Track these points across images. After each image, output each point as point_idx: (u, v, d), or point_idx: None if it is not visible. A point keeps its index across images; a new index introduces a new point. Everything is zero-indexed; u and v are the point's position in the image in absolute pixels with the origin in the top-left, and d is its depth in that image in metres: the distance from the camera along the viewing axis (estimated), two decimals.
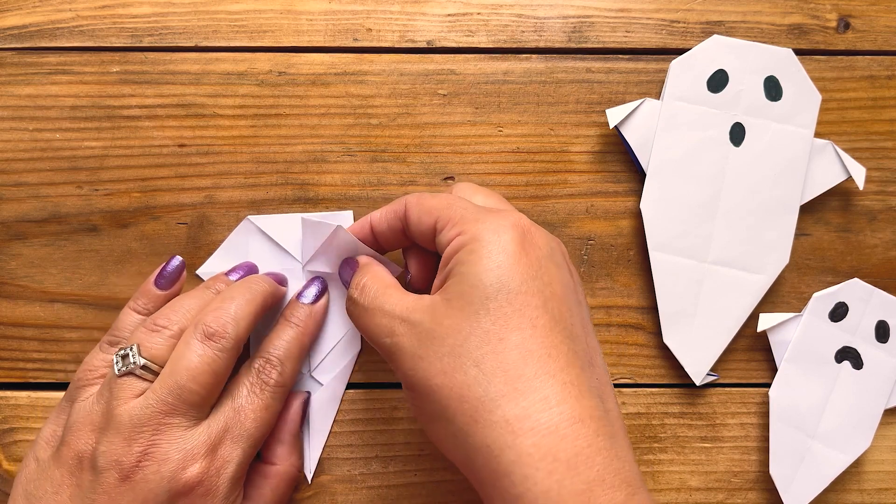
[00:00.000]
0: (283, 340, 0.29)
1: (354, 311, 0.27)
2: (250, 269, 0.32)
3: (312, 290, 0.31)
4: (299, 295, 0.31)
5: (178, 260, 0.31)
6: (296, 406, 0.31)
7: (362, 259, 0.29)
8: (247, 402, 0.27)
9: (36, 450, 0.27)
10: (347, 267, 0.30)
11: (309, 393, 0.32)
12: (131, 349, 0.27)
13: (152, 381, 0.26)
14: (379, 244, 0.30)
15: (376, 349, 0.26)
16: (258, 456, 0.30)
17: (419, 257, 0.29)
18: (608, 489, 0.21)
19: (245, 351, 0.32)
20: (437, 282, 0.26)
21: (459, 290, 0.24)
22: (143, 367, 0.26)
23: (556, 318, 0.23)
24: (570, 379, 0.22)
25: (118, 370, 0.27)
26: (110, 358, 0.28)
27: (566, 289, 0.24)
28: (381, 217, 0.29)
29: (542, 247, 0.24)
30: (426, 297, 0.25)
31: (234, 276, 0.31)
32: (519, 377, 0.22)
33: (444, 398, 0.23)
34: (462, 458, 0.23)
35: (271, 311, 0.31)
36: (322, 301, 0.31)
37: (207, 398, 0.26)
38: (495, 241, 0.24)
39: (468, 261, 0.24)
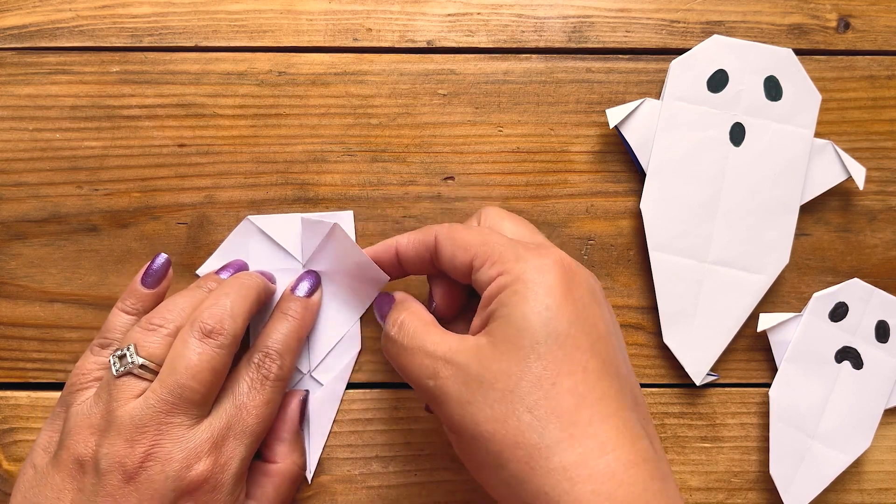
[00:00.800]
0: (280, 333, 0.29)
1: (392, 349, 0.27)
2: (240, 268, 0.31)
3: (306, 284, 0.31)
4: (293, 288, 0.31)
5: (163, 258, 0.30)
6: (294, 404, 0.31)
7: (398, 295, 0.29)
8: (248, 399, 0.27)
9: (33, 457, 0.27)
10: (384, 303, 0.29)
11: (307, 391, 0.32)
12: (128, 349, 0.27)
13: (151, 381, 0.26)
14: (403, 269, 0.29)
15: (417, 392, 0.26)
16: (259, 455, 0.30)
17: (446, 287, 0.28)
18: None
19: (243, 347, 0.32)
20: (476, 322, 0.25)
21: (506, 334, 0.23)
22: (142, 367, 0.26)
23: (604, 360, 0.23)
24: (622, 422, 0.22)
25: (116, 371, 0.26)
26: (103, 360, 0.28)
27: (609, 327, 0.24)
28: (408, 244, 0.28)
29: (584, 285, 0.24)
30: (469, 338, 0.25)
31: (224, 275, 0.31)
32: (574, 423, 0.22)
33: (496, 444, 0.22)
34: (522, 499, 0.23)
35: (264, 307, 0.31)
36: (317, 295, 0.31)
37: (208, 396, 0.26)
38: (540, 282, 0.23)
39: (512, 302, 0.24)
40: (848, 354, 0.32)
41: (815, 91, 0.32)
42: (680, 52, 0.33)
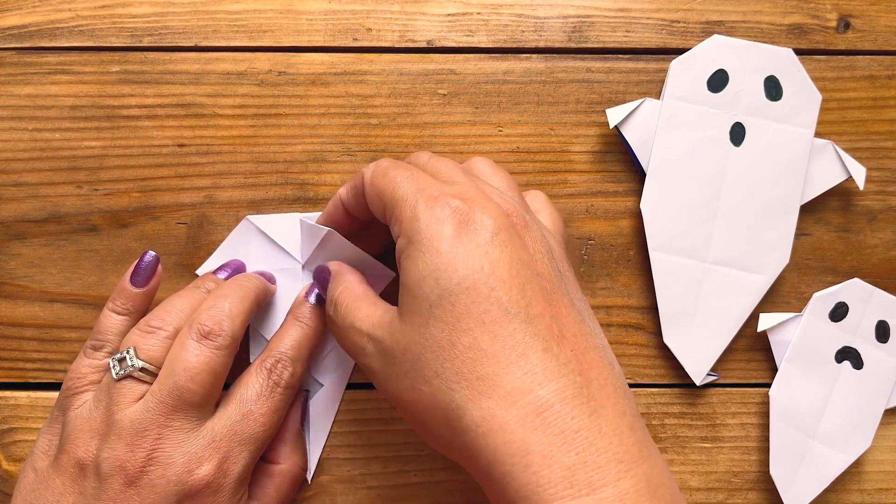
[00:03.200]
0: (293, 339, 0.29)
1: (332, 328, 0.27)
2: (238, 268, 0.31)
3: (318, 291, 0.31)
4: (307, 295, 0.31)
5: (150, 255, 0.30)
6: (296, 405, 0.31)
7: (333, 266, 0.29)
8: (256, 406, 0.27)
9: (33, 460, 0.27)
10: (321, 275, 0.29)
11: (307, 391, 0.32)
12: (128, 352, 0.27)
13: (151, 384, 0.26)
14: (355, 220, 0.29)
15: None
16: (262, 456, 0.30)
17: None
18: (592, 470, 0.20)
19: (243, 348, 0.32)
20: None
21: (407, 302, 0.23)
22: (142, 370, 0.26)
23: (505, 307, 0.22)
24: (531, 367, 0.21)
25: (116, 374, 0.26)
26: (97, 363, 0.28)
27: (518, 266, 0.23)
28: (346, 194, 0.28)
29: (483, 229, 0.23)
30: (389, 309, 0.25)
31: (222, 275, 0.31)
32: (479, 378, 0.21)
33: (418, 412, 0.23)
34: (460, 462, 0.23)
35: (263, 309, 0.31)
36: None
37: (207, 398, 0.26)
38: (427, 242, 0.23)
39: (407, 268, 0.23)
40: (848, 354, 0.32)
41: (816, 91, 0.32)
42: (680, 51, 0.33)
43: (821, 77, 0.34)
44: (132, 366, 0.26)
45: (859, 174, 0.33)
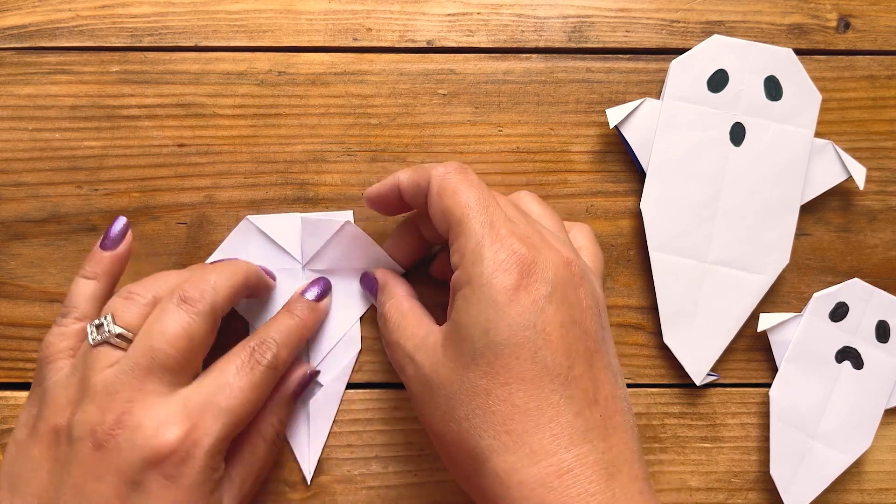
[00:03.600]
0: (282, 326, 0.29)
1: (383, 342, 0.29)
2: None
3: (315, 290, 0.31)
4: (303, 291, 0.31)
5: (121, 220, 0.29)
6: (297, 374, 0.30)
7: (380, 276, 0.30)
8: (233, 379, 0.26)
9: (15, 433, 0.27)
10: (369, 284, 0.31)
11: (317, 371, 0.31)
12: (105, 318, 0.26)
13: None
14: (406, 206, 0.29)
15: None
16: None
17: (407, 238, 0.31)
18: None
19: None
20: (449, 308, 0.26)
21: (453, 338, 0.24)
22: (118, 336, 0.26)
23: (546, 368, 0.23)
24: (560, 430, 0.22)
25: (93, 340, 0.26)
26: (66, 330, 0.27)
27: (567, 328, 0.23)
28: (408, 183, 0.28)
29: (544, 284, 0.23)
30: (434, 331, 0.25)
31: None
32: (507, 432, 0.22)
33: (445, 444, 0.24)
34: (474, 498, 0.24)
35: (262, 308, 0.31)
36: (325, 301, 0.31)
37: (182, 363, 0.26)
38: (486, 290, 0.23)
39: (461, 308, 0.24)
40: (848, 354, 0.32)
41: (816, 91, 0.32)
42: (680, 51, 0.33)
43: (821, 77, 0.34)
44: (109, 332, 0.26)
45: (859, 174, 0.33)
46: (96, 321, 0.26)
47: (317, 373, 0.31)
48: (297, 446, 0.32)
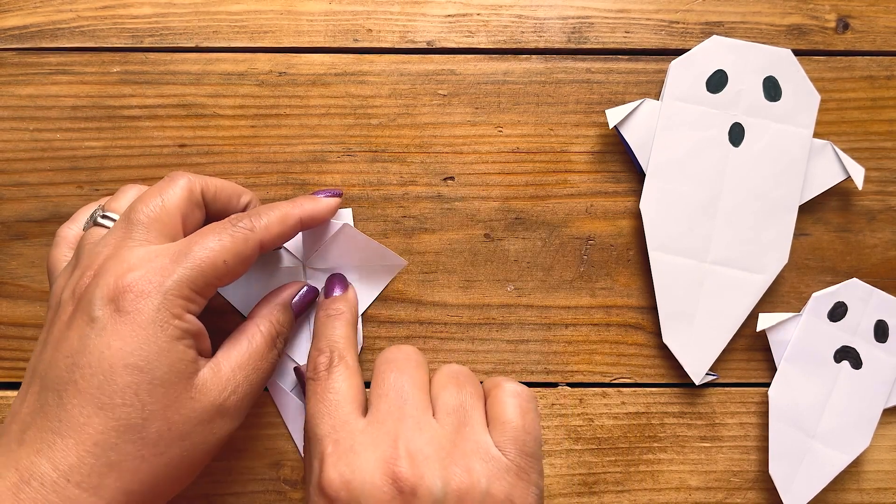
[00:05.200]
0: (269, 205, 0.29)
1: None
2: None
3: (338, 288, 0.31)
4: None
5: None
6: (294, 285, 0.31)
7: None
8: (205, 236, 0.26)
9: None
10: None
11: (317, 289, 0.31)
12: (97, 210, 0.28)
13: None
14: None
15: None
16: None
17: None
18: None
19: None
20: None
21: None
22: (104, 216, 0.27)
23: None
24: None
25: (85, 227, 0.28)
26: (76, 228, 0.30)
27: None
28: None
29: None
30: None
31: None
32: None
33: None
34: None
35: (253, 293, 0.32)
36: (329, 201, 0.31)
37: (154, 220, 0.26)
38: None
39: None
40: (847, 354, 0.32)
41: (815, 91, 0.32)
42: (679, 52, 0.33)
43: (820, 77, 0.34)
44: (98, 214, 0.28)
45: (858, 174, 0.33)
46: (90, 213, 0.28)
47: (315, 289, 0.31)
48: (299, 440, 0.32)
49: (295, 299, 0.30)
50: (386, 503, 0.23)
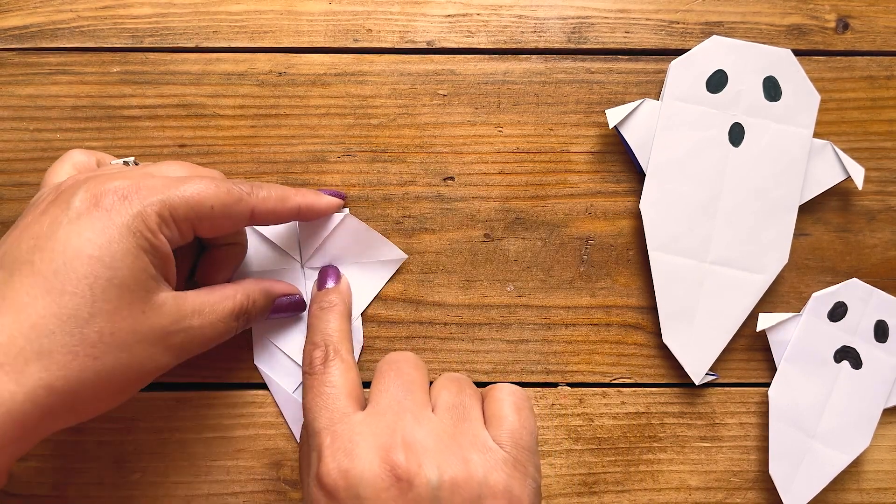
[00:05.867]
0: (275, 188, 0.29)
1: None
2: None
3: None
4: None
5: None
6: (284, 284, 0.31)
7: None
8: (199, 177, 0.27)
9: None
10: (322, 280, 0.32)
11: (304, 302, 0.32)
12: (132, 158, 0.29)
13: None
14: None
15: None
16: None
17: None
18: None
19: (247, 351, 0.32)
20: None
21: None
22: (134, 163, 0.29)
23: None
24: None
25: (112, 162, 0.29)
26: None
27: None
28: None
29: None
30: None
31: None
32: None
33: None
34: None
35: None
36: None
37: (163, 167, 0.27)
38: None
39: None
40: (847, 354, 0.32)
41: (814, 91, 0.32)
42: (679, 52, 0.33)
43: (820, 77, 0.34)
44: (125, 159, 0.29)
45: (858, 174, 0.33)
46: (118, 160, 0.30)
47: (304, 304, 0.31)
48: None
49: (283, 299, 0.31)
50: (384, 491, 0.23)
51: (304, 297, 0.32)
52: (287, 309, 0.31)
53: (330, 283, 0.31)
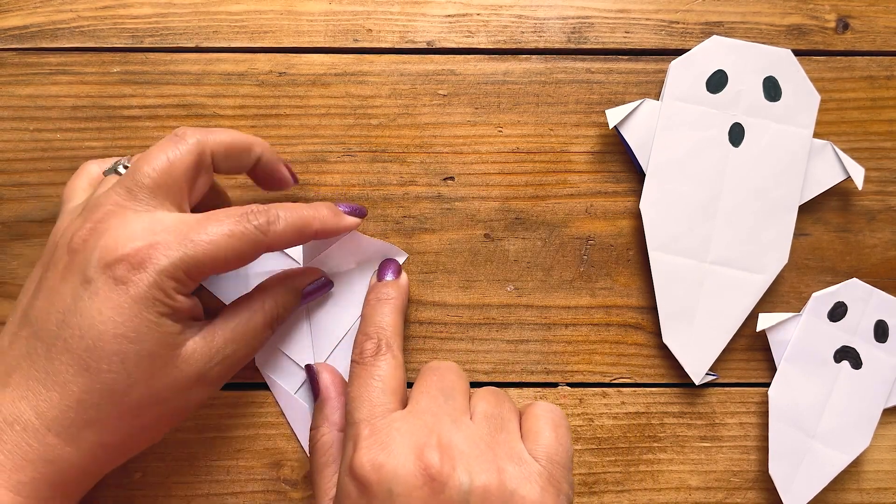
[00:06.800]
0: (292, 205, 0.28)
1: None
2: None
3: (390, 273, 0.31)
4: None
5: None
6: (310, 272, 0.31)
7: (323, 386, 0.30)
8: (215, 223, 0.26)
9: None
10: (309, 372, 0.31)
11: (331, 282, 0.32)
12: (126, 158, 0.29)
13: None
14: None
15: None
16: None
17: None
18: None
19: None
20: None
21: None
22: (125, 167, 0.28)
23: None
24: None
25: (105, 172, 0.28)
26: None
27: None
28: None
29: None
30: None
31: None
32: None
33: None
34: None
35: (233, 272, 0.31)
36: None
37: (160, 184, 0.26)
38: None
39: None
40: (847, 354, 0.32)
41: (814, 91, 0.32)
42: (679, 52, 0.33)
43: (820, 77, 0.34)
44: (119, 164, 0.28)
45: (858, 174, 0.33)
46: (112, 162, 0.29)
47: (330, 283, 0.32)
48: (305, 442, 0.32)
49: (309, 287, 0.31)
50: (416, 490, 0.23)
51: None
52: (316, 293, 0.31)
53: (389, 276, 0.31)
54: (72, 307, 0.24)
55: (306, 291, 0.31)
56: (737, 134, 0.32)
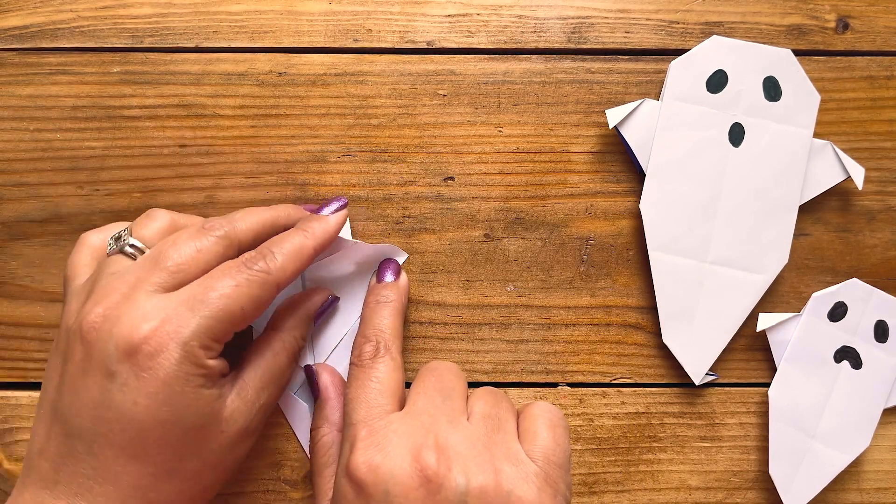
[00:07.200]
0: (282, 238, 0.28)
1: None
2: None
3: (335, 204, 0.31)
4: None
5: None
6: (319, 295, 0.31)
7: (323, 387, 0.30)
8: (220, 280, 0.25)
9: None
10: (309, 372, 0.31)
11: (337, 297, 0.32)
12: (124, 231, 0.27)
13: None
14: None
15: None
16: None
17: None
18: None
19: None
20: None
21: None
22: (132, 246, 0.26)
23: None
24: None
25: (110, 249, 0.27)
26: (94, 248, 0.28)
27: None
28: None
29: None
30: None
31: None
32: None
33: None
34: None
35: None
36: (339, 215, 0.30)
37: (185, 269, 0.25)
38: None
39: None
40: (847, 354, 0.32)
41: (815, 91, 0.32)
42: (679, 52, 0.33)
43: (820, 77, 0.34)
44: (124, 242, 0.27)
45: (858, 174, 0.33)
46: (115, 234, 0.27)
47: (337, 298, 0.32)
48: (305, 442, 0.32)
49: (320, 309, 0.31)
50: (412, 491, 0.23)
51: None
52: (325, 312, 0.31)
53: (389, 278, 0.31)
54: (103, 401, 0.24)
55: (317, 313, 0.31)
56: (737, 134, 0.32)
